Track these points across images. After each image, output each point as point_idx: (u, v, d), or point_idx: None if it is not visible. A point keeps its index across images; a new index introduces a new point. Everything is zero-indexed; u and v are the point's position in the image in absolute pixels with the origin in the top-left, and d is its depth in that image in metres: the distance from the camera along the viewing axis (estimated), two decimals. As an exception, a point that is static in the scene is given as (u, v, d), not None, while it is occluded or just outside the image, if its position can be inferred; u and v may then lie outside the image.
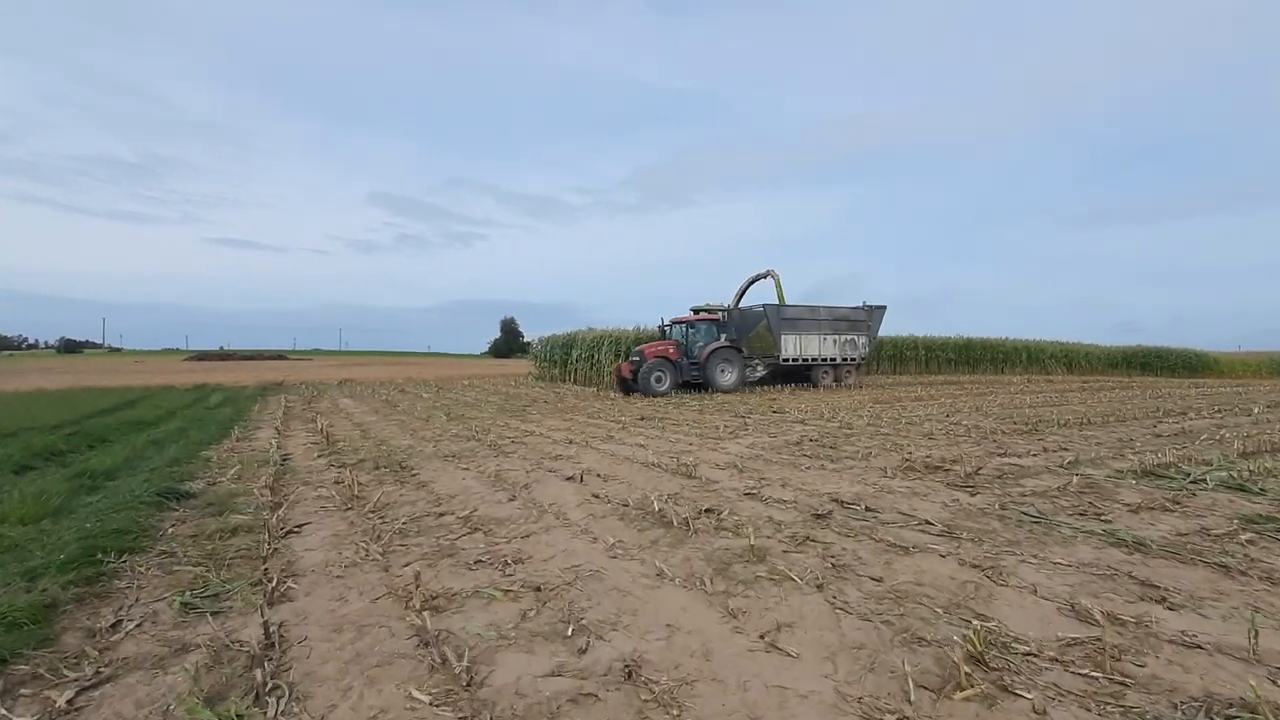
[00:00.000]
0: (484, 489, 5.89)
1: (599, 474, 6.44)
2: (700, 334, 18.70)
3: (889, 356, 31.25)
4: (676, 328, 19.21)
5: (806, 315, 19.65)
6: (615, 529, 4.51)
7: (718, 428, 10.15)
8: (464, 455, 7.82)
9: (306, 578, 3.67)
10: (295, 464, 7.52)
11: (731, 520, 4.63)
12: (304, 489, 6.10)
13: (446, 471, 6.84)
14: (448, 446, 8.62)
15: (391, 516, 4.97)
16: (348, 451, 8.35)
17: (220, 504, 5.44)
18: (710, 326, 18.92)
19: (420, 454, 8.01)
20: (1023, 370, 35.38)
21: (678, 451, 7.86)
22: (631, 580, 3.50)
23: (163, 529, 4.63)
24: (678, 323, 19.24)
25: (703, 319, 18.99)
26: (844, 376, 20.67)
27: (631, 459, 7.35)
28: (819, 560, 3.78)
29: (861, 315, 20.75)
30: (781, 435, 9.25)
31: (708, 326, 18.87)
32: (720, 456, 7.52)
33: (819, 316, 19.85)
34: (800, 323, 19.48)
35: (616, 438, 9.23)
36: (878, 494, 5.48)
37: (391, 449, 8.46)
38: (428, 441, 9.17)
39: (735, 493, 5.60)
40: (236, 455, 8.10)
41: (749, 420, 11.28)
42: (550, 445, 8.58)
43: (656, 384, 17.33)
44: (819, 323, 19.80)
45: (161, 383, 26.19)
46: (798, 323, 19.44)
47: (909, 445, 8.01)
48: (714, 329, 18.92)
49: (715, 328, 18.96)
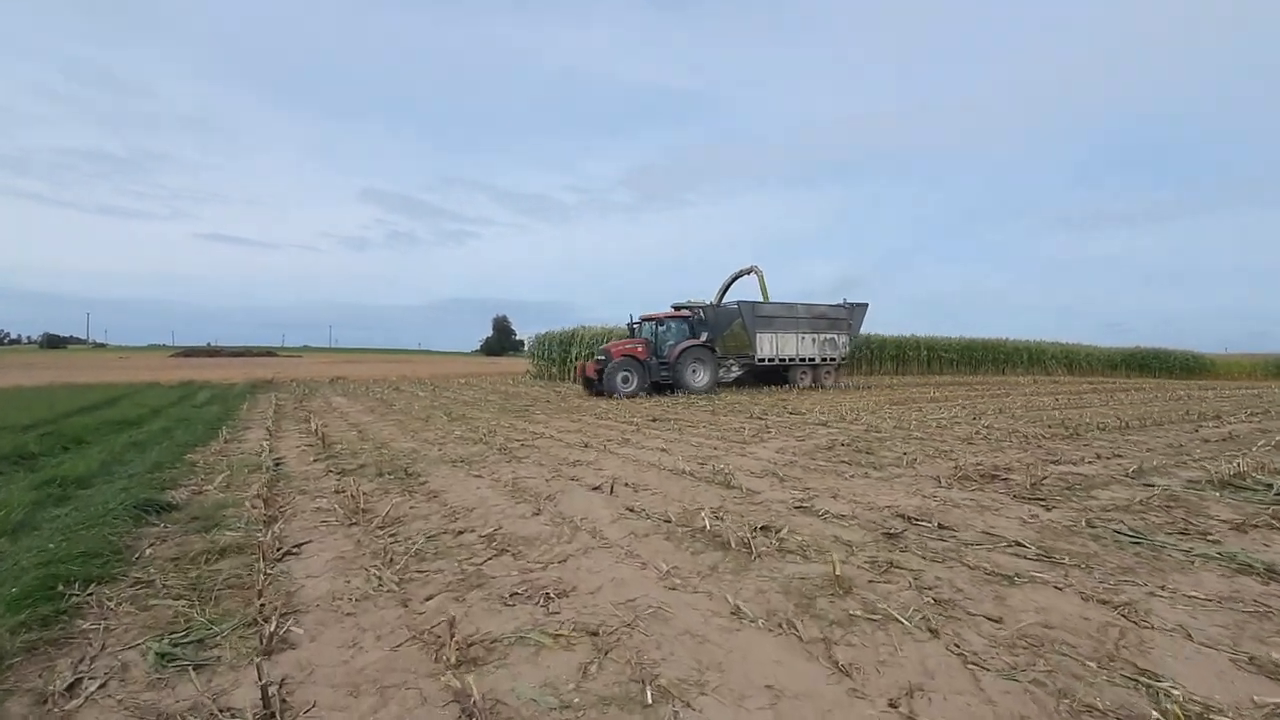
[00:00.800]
0: (503, 500, 5.29)
1: (627, 483, 5.86)
2: (671, 332, 17.63)
3: (891, 356, 30.90)
4: (646, 325, 18.01)
5: (783, 313, 18.63)
6: (664, 551, 3.93)
7: (739, 430, 9.60)
8: (473, 460, 7.22)
9: (310, 614, 3.07)
10: (289, 470, 6.89)
11: (794, 540, 4.06)
12: (301, 499, 5.48)
13: (457, 479, 6.24)
14: (454, 450, 8.01)
15: (403, 534, 4.37)
16: (346, 455, 7.72)
17: (207, 518, 4.81)
18: (682, 324, 17.80)
19: (426, 459, 7.40)
20: (1024, 371, 35.15)
21: (704, 457, 7.29)
22: (703, 620, 2.93)
23: (139, 549, 4.00)
24: (647, 320, 18.03)
25: (673, 316, 17.86)
26: (823, 378, 19.64)
27: (657, 465, 6.78)
28: (914, 593, 3.22)
29: (842, 313, 19.74)
30: (809, 439, 8.71)
31: (679, 324, 17.76)
32: (751, 463, 6.97)
33: (796, 314, 18.83)
34: (777, 320, 18.46)
35: (633, 441, 8.65)
36: (943, 508, 4.94)
37: (394, 453, 7.84)
38: (431, 444, 8.55)
39: (784, 506, 5.04)
40: (225, 459, 7.45)
41: (767, 422, 10.74)
42: (564, 449, 7.99)
43: (622, 385, 16.25)
44: (796, 321, 18.77)
45: (146, 379, 25.34)
46: (774, 320, 18.42)
47: (951, 451, 7.48)
48: (686, 327, 17.81)
49: (687, 326, 17.85)
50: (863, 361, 30.07)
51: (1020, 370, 34.93)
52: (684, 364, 16.90)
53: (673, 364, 16.86)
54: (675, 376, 16.81)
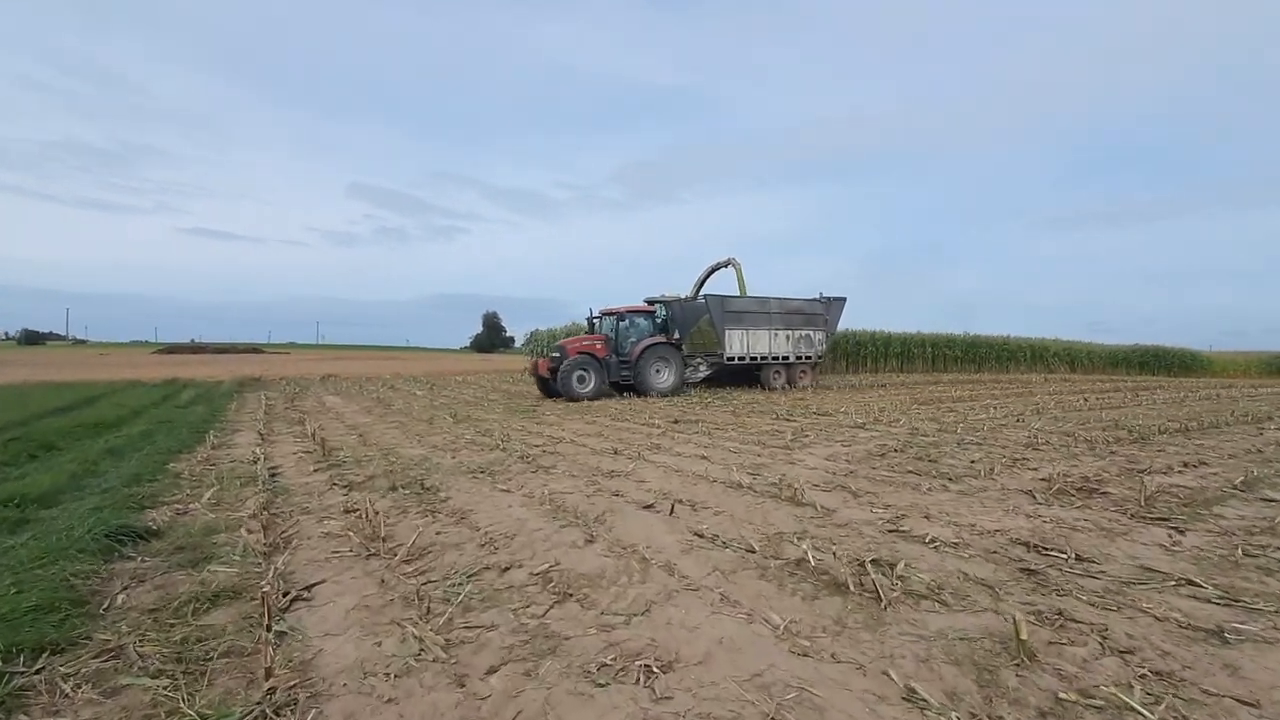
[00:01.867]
0: (544, 523, 4.53)
1: (680, 499, 5.12)
2: (633, 328, 16.13)
3: (896, 354, 30.39)
4: (606, 320, 16.43)
5: (754, 308, 17.16)
6: (766, 594, 3.20)
7: (774, 433, 8.89)
8: (495, 470, 6.44)
9: (336, 699, 2.31)
10: (288, 482, 6.08)
11: (918, 579, 3.34)
12: (305, 521, 4.69)
13: (482, 494, 5.47)
14: (470, 458, 7.23)
15: (436, 570, 3.60)
16: (350, 464, 6.91)
17: (194, 547, 4.02)
18: (645, 320, 16.34)
19: (441, 468, 6.61)
20: (1026, 368, 34.81)
21: (752, 465, 6.57)
22: (870, 712, 2.20)
23: (109, 596, 3.21)
24: (607, 315, 16.42)
25: (636, 310, 16.41)
26: (797, 378, 18.15)
27: (705, 477, 6.04)
28: (1117, 661, 2.51)
29: (818, 308, 18.17)
30: (856, 444, 8.01)
31: (643, 320, 16.30)
32: (806, 472, 6.26)
33: (769, 309, 17.36)
34: (747, 316, 16.98)
35: (665, 446, 7.90)
36: (1061, 531, 4.25)
37: (403, 461, 7.04)
38: (443, 450, 7.76)
39: (874, 529, 4.33)
40: (213, 469, 6.63)
41: (800, 423, 10.03)
42: (592, 457, 7.23)
43: (578, 385, 14.75)
44: (769, 316, 17.30)
45: (127, 377, 24.24)
46: (744, 316, 16.94)
47: (1023, 458, 6.81)
48: (649, 323, 16.36)
49: (650, 321, 16.40)
50: (867, 359, 29.57)
51: (1023, 368, 34.60)
52: (647, 363, 15.58)
53: (634, 363, 15.48)
54: (637, 376, 15.45)
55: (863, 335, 29.36)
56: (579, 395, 14.63)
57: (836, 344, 28.65)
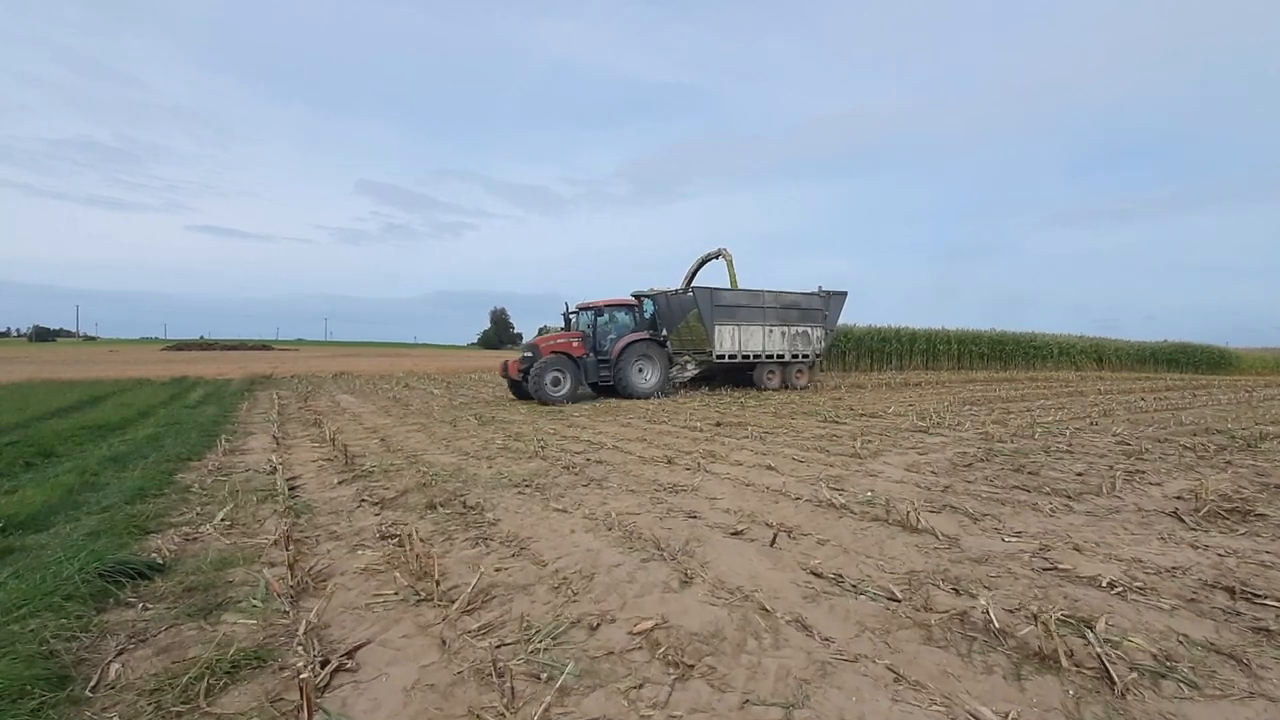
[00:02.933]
0: (620, 555, 3.81)
1: (767, 521, 4.39)
2: (614, 324, 14.76)
3: (922, 351, 29.49)
4: (583, 315, 14.95)
5: (747, 302, 15.76)
6: (950, 671, 2.46)
7: (833, 438, 8.15)
8: (542, 484, 5.73)
9: None
10: (310, 497, 5.38)
11: (1133, 645, 2.60)
12: (336, 551, 3.99)
13: (535, 514, 4.75)
14: (509, 468, 6.52)
15: (507, 625, 2.89)
16: (378, 475, 6.22)
17: (206, 588, 3.33)
18: (627, 315, 14.98)
19: (479, 481, 5.91)
20: (1053, 365, 33.87)
21: (828, 478, 5.83)
22: None
23: (100, 665, 2.52)
24: (585, 309, 14.95)
25: (617, 304, 15.02)
26: (794, 378, 16.88)
27: (783, 492, 5.31)
28: None
29: (816, 302, 16.78)
30: (931, 451, 7.25)
31: (624, 314, 14.95)
32: (894, 487, 5.51)
33: (763, 303, 15.96)
34: (740, 311, 15.62)
35: (719, 454, 7.17)
36: (1250, 568, 3.50)
37: (435, 471, 6.34)
38: (476, 459, 7.06)
39: (1022, 566, 3.58)
40: (226, 480, 5.95)
41: (852, 427, 9.28)
42: (644, 467, 6.51)
43: (552, 388, 13.42)
44: (763, 311, 15.93)
45: (136, 375, 23.68)
46: (737, 311, 15.58)
47: (1139, 470, 6.04)
48: (631, 318, 15.01)
49: (633, 316, 15.05)
50: (891, 355, 28.69)
51: (1049, 365, 33.65)
52: (628, 361, 14.23)
53: (615, 361, 14.16)
54: (618, 376, 14.15)
55: (887, 331, 28.48)
56: (552, 399, 13.35)
57: (860, 341, 27.83)
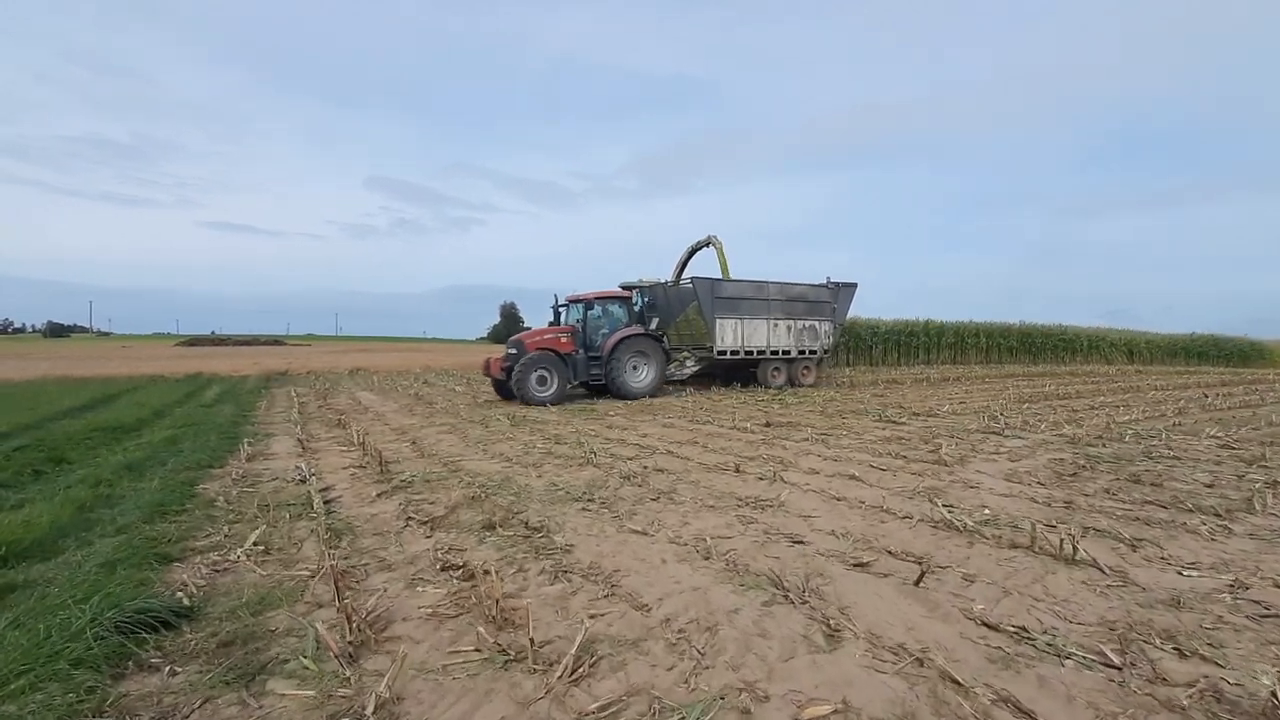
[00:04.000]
0: (731, 594, 3.18)
1: (892, 550, 3.75)
2: (606, 318, 13.74)
3: (950, 345, 28.66)
4: (573, 308, 13.88)
5: (751, 294, 14.84)
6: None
7: (902, 441, 7.48)
8: (605, 498, 5.10)
9: None
10: (349, 513, 4.80)
11: None
12: (390, 584, 3.39)
13: (609, 537, 4.14)
14: (561, 477, 5.91)
15: (629, 704, 2.27)
16: (419, 486, 5.62)
17: (244, 640, 2.74)
18: (620, 308, 13.90)
19: (534, 494, 5.30)
20: (1083, 358, 32.95)
21: (925, 490, 5.18)
22: None
23: (118, 769, 1.92)
24: (575, 302, 13.84)
25: (609, 297, 13.95)
26: (800, 375, 15.82)
27: (883, 508, 4.66)
28: None
29: (824, 295, 15.85)
30: (1021, 457, 6.58)
31: (617, 308, 13.88)
32: (1005, 501, 4.86)
33: (767, 295, 15.03)
34: (743, 304, 14.70)
35: (790, 461, 6.52)
36: None
37: (481, 481, 5.73)
38: (522, 466, 6.45)
39: (1235, 614, 2.93)
40: (253, 491, 5.38)
41: (913, 426, 8.61)
42: (712, 476, 5.87)
43: (538, 387, 12.36)
44: (768, 304, 15.00)
45: (150, 371, 23.30)
46: (739, 304, 14.65)
47: (1274, 481, 5.36)
48: (625, 311, 13.91)
49: (626, 309, 13.94)
50: (919, 350, 27.87)
51: (1079, 358, 32.73)
52: (621, 359, 13.13)
53: (606, 359, 13.09)
54: (610, 374, 13.09)
55: (915, 325, 27.64)
56: (538, 399, 12.31)
57: (887, 335, 27.03)
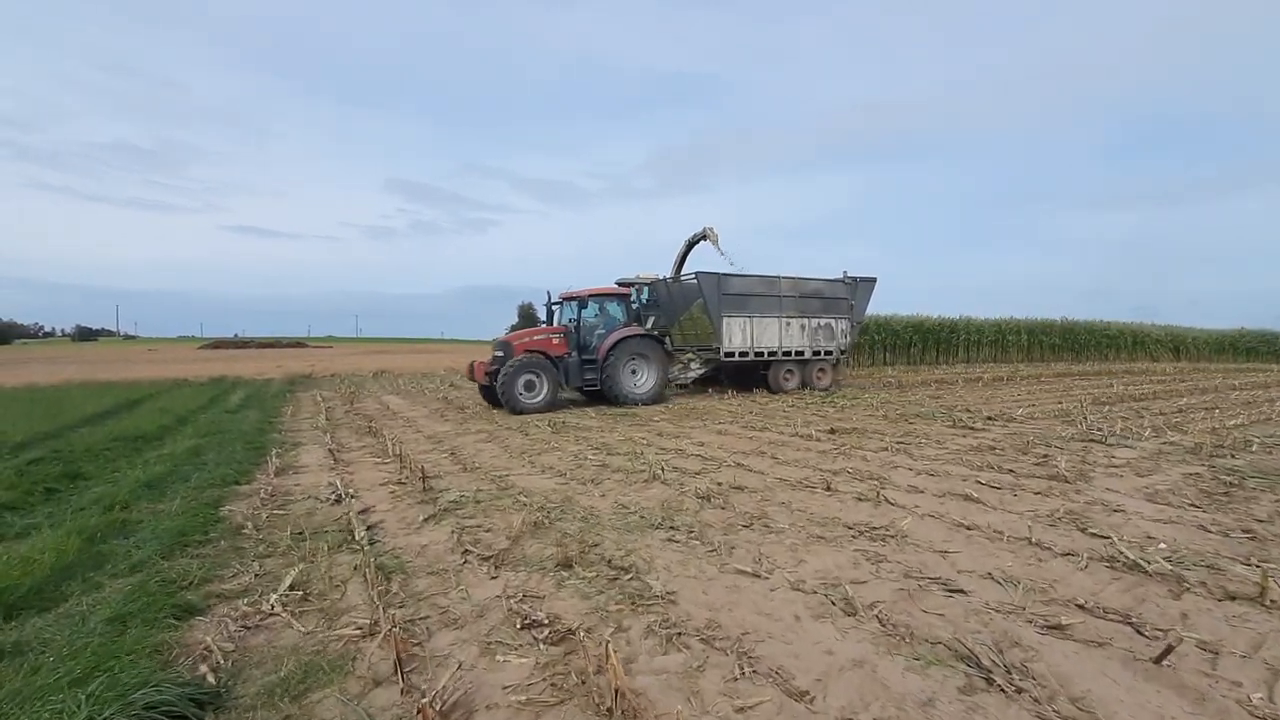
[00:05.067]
0: (908, 672, 2.45)
1: (1083, 604, 3.00)
2: (603, 316, 12.42)
3: (990, 343, 27.51)
4: (567, 306, 12.52)
5: (761, 289, 13.61)
6: None
7: (994, 451, 6.68)
8: (688, 524, 4.38)
9: None
10: (395, 543, 4.13)
11: None
12: (461, 649, 2.70)
13: (714, 579, 3.42)
14: (627, 497, 5.20)
15: None
16: (469, 507, 4.95)
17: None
18: (618, 306, 12.60)
19: (603, 519, 4.59)
20: (1128, 355, 31.61)
21: (1065, 515, 4.39)
22: None
23: None
24: (569, 300, 12.45)
25: (605, 294, 12.61)
26: (815, 377, 14.51)
27: (1030, 539, 3.88)
28: None
29: (841, 291, 14.60)
30: (1147, 472, 5.75)
31: (615, 305, 12.57)
32: (1171, 531, 4.07)
33: (780, 291, 13.80)
34: (752, 300, 13.44)
35: (882, 476, 5.75)
36: None
37: (540, 503, 5.04)
38: (579, 483, 5.76)
39: None
40: (284, 515, 4.75)
41: (998, 435, 7.78)
42: (801, 496, 5.13)
43: (525, 393, 11.11)
44: (779, 300, 13.79)
45: (174, 375, 23.06)
46: (749, 300, 13.40)
47: None
48: (623, 309, 12.64)
49: (625, 308, 12.64)
50: (959, 348, 26.75)
51: (1124, 355, 31.39)
52: (618, 362, 11.84)
53: (603, 362, 11.79)
54: (607, 379, 11.80)
55: (956, 322, 26.56)
56: (525, 407, 11.04)
57: (927, 332, 25.97)
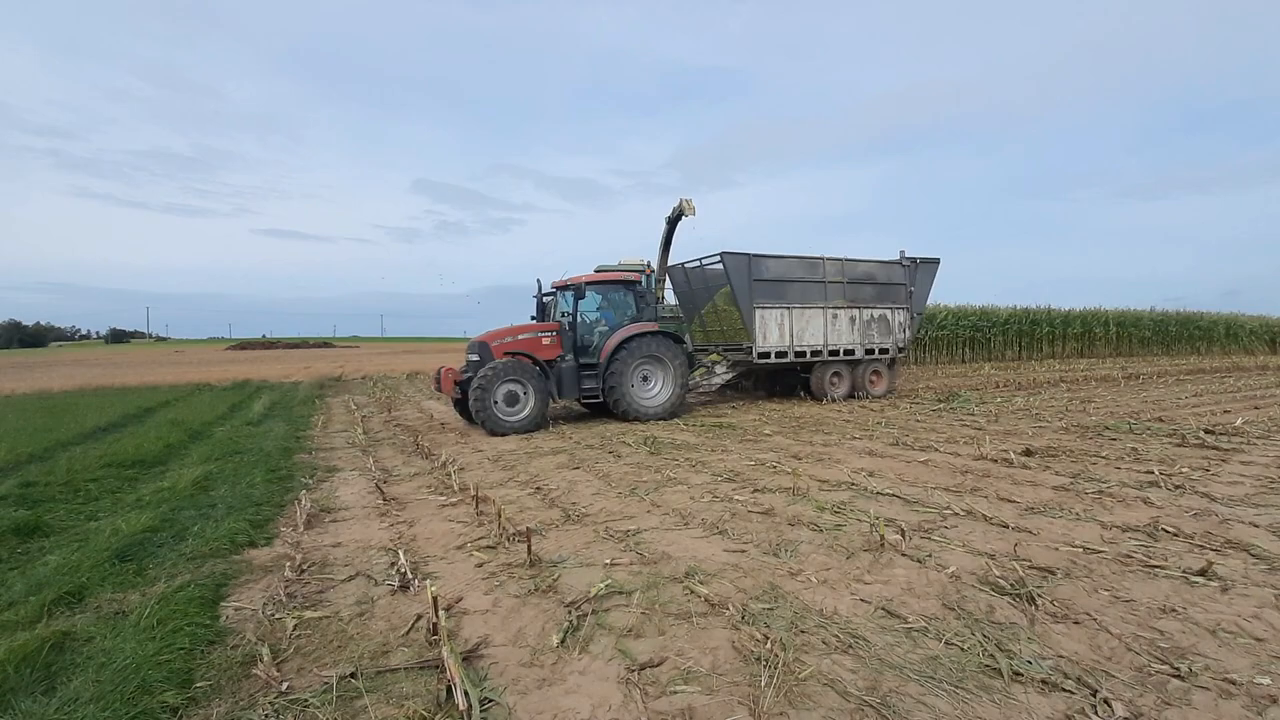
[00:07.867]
0: None
1: None
2: (605, 310, 9.96)
3: (1076, 335, 24.99)
4: (562, 298, 9.95)
5: (802, 274, 10.85)
6: None
7: (1188, 477, 4.64)
8: (1042, 657, 2.48)
9: None
10: (524, 705, 2.29)
11: None
12: None
13: None
14: (865, 586, 3.30)
15: None
16: (622, 611, 3.10)
17: None
18: (625, 295, 9.99)
19: (880, 653, 2.71)
20: (1220, 349, 28.85)
21: None
22: None
23: None
24: (563, 289, 9.82)
25: (608, 281, 9.98)
26: (868, 383, 11.71)
27: None
28: None
29: (898, 274, 11.71)
30: None
31: (620, 296, 9.98)
32: None
33: (824, 276, 10.99)
34: (791, 288, 10.72)
35: (1178, 529, 3.79)
36: None
37: (740, 603, 3.17)
38: (763, 552, 3.86)
39: None
40: (320, 623, 2.95)
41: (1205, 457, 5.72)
42: (1122, 578, 3.18)
43: (505, 409, 8.66)
44: (824, 287, 10.99)
45: (197, 378, 21.70)
46: (786, 288, 10.68)
47: None
48: (629, 298, 9.99)
49: (633, 298, 9.99)
50: (1042, 343, 24.24)
51: (1216, 349, 28.65)
52: (625, 367, 9.31)
53: (605, 366, 9.33)
54: (611, 388, 9.30)
55: (1038, 313, 24.05)
56: (505, 426, 8.60)
57: (1007, 325, 23.55)
